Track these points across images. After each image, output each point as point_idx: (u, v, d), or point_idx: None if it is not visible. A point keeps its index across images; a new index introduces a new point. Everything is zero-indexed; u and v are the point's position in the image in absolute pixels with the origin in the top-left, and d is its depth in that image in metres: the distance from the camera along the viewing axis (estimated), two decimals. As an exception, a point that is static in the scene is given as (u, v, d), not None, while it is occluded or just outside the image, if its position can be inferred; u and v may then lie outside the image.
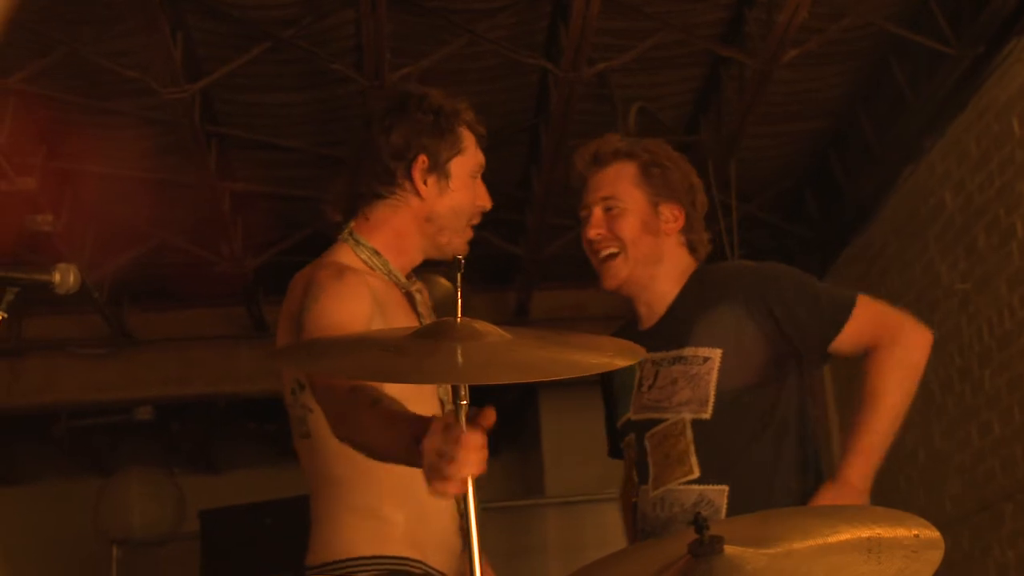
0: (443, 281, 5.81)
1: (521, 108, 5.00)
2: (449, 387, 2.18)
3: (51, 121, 4.80)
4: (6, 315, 2.28)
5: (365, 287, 2.32)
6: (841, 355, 2.60)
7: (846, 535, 1.67)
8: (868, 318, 2.59)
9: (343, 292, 2.30)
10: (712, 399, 2.55)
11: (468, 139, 2.49)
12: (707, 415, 2.55)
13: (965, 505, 4.86)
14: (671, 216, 2.68)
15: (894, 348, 2.56)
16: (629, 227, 2.66)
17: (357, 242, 2.47)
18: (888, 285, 5.49)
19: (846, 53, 4.78)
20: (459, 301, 1.90)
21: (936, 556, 1.61)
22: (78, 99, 4.61)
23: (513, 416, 7.44)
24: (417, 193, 2.43)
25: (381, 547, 2.26)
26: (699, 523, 1.58)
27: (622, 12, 4.27)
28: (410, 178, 2.42)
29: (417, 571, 2.26)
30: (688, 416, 2.57)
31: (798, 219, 6.09)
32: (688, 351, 2.60)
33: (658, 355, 2.63)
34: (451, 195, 2.44)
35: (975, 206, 4.72)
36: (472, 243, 2.51)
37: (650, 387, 2.64)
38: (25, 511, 7.91)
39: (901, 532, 1.66)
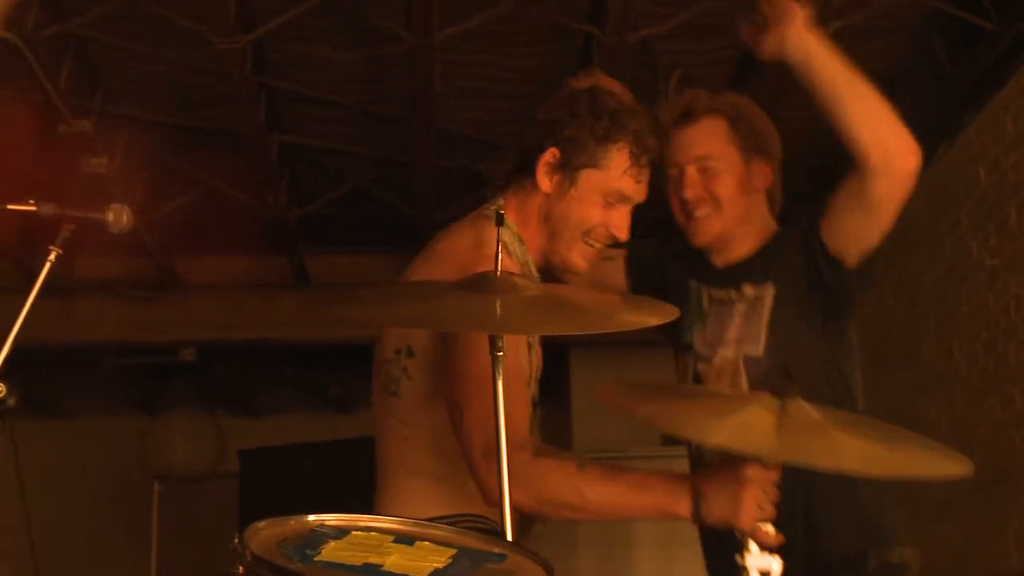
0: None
1: (564, 71, 4.94)
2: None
3: (108, 66, 4.82)
4: (61, 252, 2.30)
5: None
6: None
7: (894, 450, 1.90)
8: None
9: None
10: (764, 336, 2.50)
11: (618, 162, 2.28)
12: (760, 352, 2.50)
13: (985, 475, 4.84)
14: (761, 172, 2.58)
15: None
16: (726, 186, 2.55)
17: (508, 227, 2.26)
18: (918, 257, 5.45)
19: (888, 27, 4.72)
20: (498, 255, 1.90)
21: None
22: (135, 46, 4.61)
23: (544, 372, 7.45)
24: (537, 186, 2.27)
25: (456, 507, 2.25)
26: (787, 372, 1.83)
27: (668, -21, 4.23)
28: (534, 167, 2.27)
29: (490, 526, 2.23)
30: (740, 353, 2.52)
31: (833, 190, 6.02)
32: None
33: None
34: (569, 201, 2.27)
35: (1009, 184, 4.67)
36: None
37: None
38: (71, 444, 8.02)
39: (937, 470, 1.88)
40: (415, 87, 4.74)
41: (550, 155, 2.25)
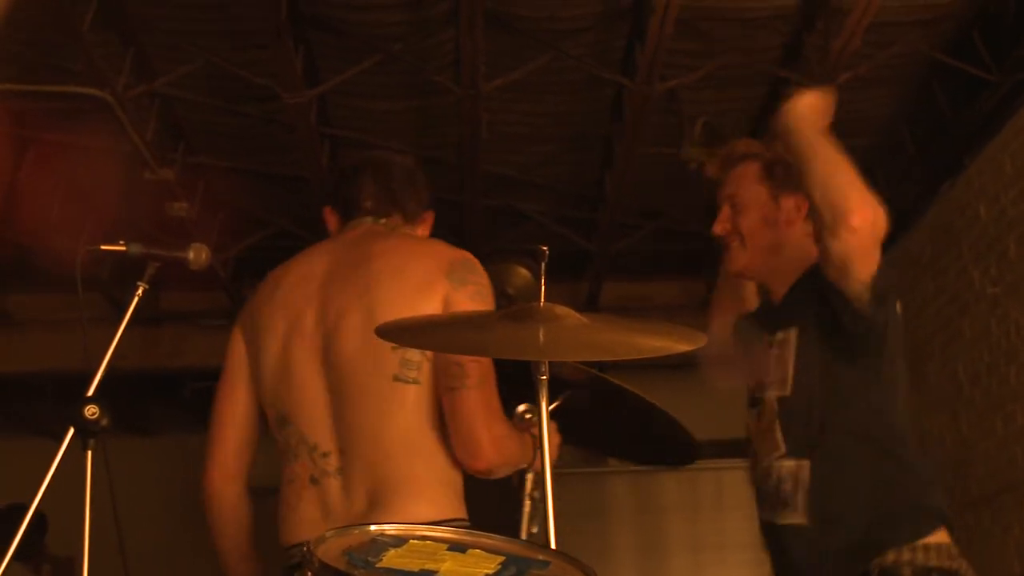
0: (522, 271, 5.80)
1: (597, 118, 4.98)
2: None
3: (189, 120, 4.88)
4: (148, 287, 2.33)
5: None
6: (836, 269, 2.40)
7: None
8: None
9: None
10: (791, 377, 2.43)
11: None
12: (788, 392, 2.43)
13: (988, 487, 4.77)
14: (792, 207, 2.55)
15: None
16: (748, 221, 2.57)
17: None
18: (924, 287, 5.39)
19: (893, 77, 4.70)
20: (542, 288, 1.91)
21: None
22: (213, 102, 4.67)
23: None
24: (425, 222, 2.63)
25: (453, 511, 2.27)
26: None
27: (692, 35, 4.23)
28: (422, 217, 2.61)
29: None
30: (774, 394, 2.46)
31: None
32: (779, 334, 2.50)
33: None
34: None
35: (1008, 218, 4.62)
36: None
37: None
38: (155, 459, 8.07)
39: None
40: (463, 134, 4.77)
41: (430, 215, 2.62)
